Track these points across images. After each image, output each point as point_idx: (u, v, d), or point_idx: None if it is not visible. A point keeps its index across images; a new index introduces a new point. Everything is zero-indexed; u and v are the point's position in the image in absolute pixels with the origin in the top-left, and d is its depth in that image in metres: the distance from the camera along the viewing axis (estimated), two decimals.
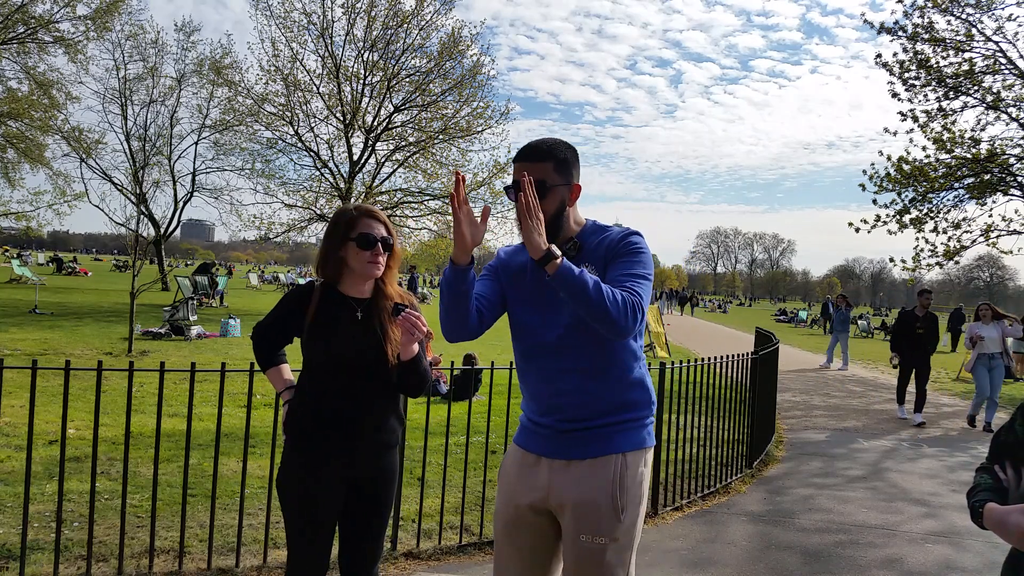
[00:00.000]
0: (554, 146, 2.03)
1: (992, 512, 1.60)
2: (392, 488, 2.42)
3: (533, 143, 2.04)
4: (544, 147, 2.02)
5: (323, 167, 23.93)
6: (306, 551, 2.29)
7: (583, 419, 2.00)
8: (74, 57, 25.56)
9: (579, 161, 2.08)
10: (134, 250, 13.40)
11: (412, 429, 6.11)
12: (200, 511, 4.22)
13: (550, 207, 1.99)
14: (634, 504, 1.98)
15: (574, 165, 2.05)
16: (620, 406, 2.00)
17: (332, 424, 2.28)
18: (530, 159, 2.01)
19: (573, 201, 2.05)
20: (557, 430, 2.03)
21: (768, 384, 7.28)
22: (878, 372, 16.56)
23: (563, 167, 2.02)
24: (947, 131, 13.66)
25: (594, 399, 1.99)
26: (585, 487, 1.97)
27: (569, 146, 2.06)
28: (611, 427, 2.00)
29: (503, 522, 2.11)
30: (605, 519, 1.95)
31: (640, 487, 2.00)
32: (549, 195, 1.99)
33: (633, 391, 2.02)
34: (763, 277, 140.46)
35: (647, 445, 2.04)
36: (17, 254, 47.77)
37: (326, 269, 2.38)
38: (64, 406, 3.25)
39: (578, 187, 2.05)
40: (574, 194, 2.05)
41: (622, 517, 1.96)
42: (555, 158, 2.01)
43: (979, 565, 4.32)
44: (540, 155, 2.00)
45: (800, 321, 43.33)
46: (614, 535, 1.95)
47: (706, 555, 4.28)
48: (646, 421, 2.06)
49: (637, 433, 2.03)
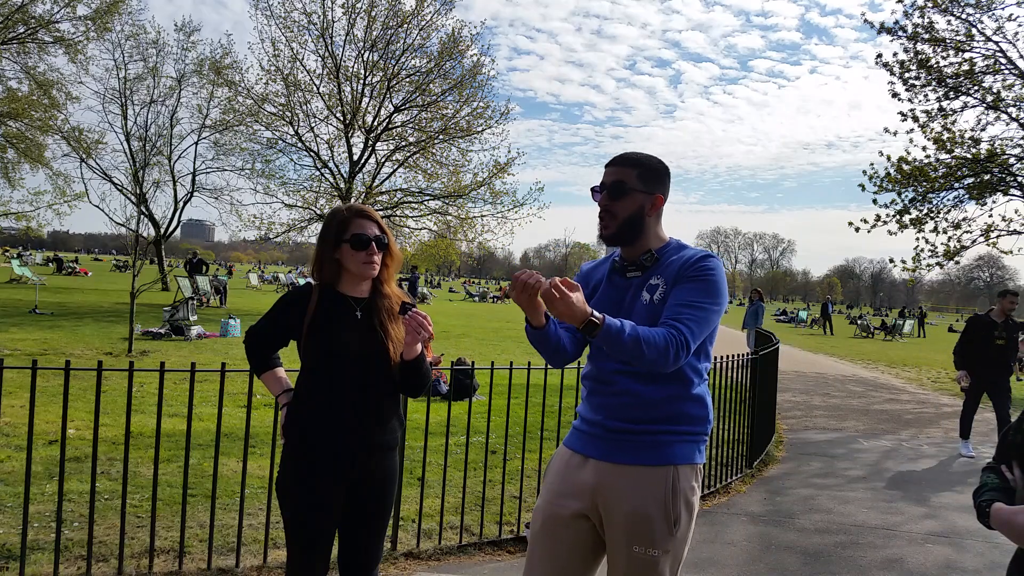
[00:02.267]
0: (644, 157, 2.13)
1: (999, 512, 1.60)
2: (392, 489, 2.41)
3: (626, 152, 2.15)
4: (633, 155, 2.13)
5: (323, 167, 23.95)
6: (306, 553, 2.28)
7: (633, 420, 1.99)
8: (74, 57, 25.56)
9: (669, 179, 2.16)
10: (134, 250, 13.41)
11: (412, 429, 6.11)
12: (200, 511, 4.21)
13: (626, 209, 2.06)
14: (687, 517, 1.99)
15: (660, 179, 2.12)
16: (675, 417, 2.00)
17: (332, 426, 2.27)
18: (616, 163, 2.12)
19: (653, 211, 2.10)
20: (606, 428, 2.03)
21: (768, 384, 7.28)
22: (878, 372, 16.56)
23: (647, 176, 2.09)
24: (947, 131, 13.66)
25: (648, 404, 1.99)
26: (638, 497, 1.96)
27: (660, 162, 2.15)
28: (664, 435, 1.99)
29: (541, 521, 2.10)
30: (659, 531, 1.95)
31: (692, 502, 2.01)
32: (627, 197, 2.06)
33: (691, 405, 2.02)
34: (763, 277, 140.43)
35: (698, 461, 2.04)
36: (17, 254, 47.78)
37: (322, 272, 2.37)
38: (64, 406, 3.25)
39: (661, 199, 2.11)
40: (656, 204, 2.10)
41: (675, 531, 1.96)
42: (641, 166, 2.10)
43: (980, 566, 4.32)
44: (626, 161, 2.11)
45: (800, 321, 43.35)
46: (667, 547, 1.95)
47: (706, 555, 4.28)
48: (699, 437, 2.05)
49: (691, 447, 2.02)
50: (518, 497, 4.60)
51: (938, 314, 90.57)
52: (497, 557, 4.07)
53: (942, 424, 9.66)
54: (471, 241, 25.11)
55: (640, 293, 2.06)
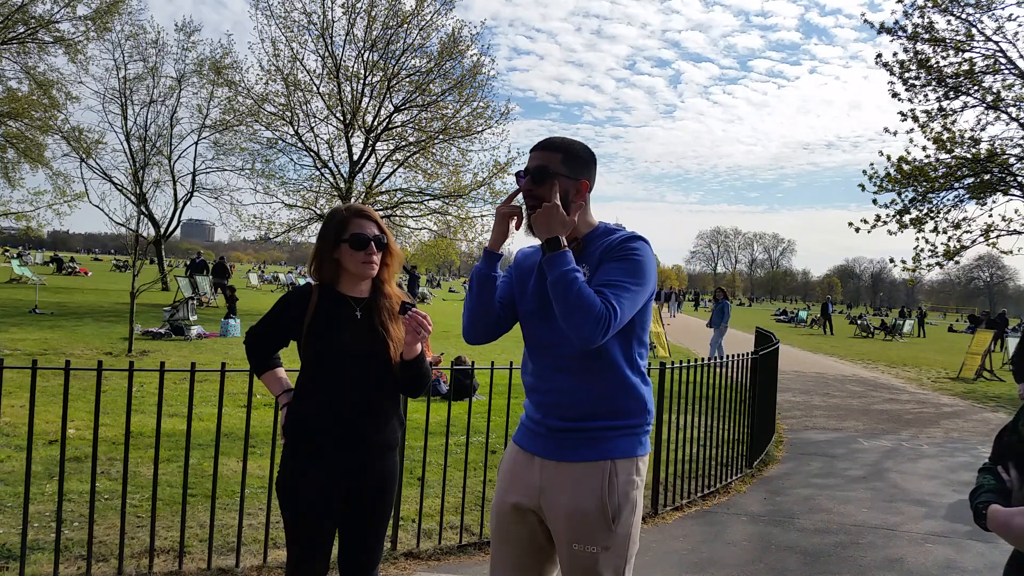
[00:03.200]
0: (569, 142, 2.09)
1: (996, 514, 1.59)
2: (392, 489, 2.41)
3: (551, 137, 2.11)
4: (558, 140, 2.08)
5: (323, 167, 23.94)
6: (306, 553, 2.28)
7: (573, 419, 1.99)
8: (74, 57, 25.56)
9: (595, 164, 2.12)
10: (134, 250, 13.40)
11: (412, 429, 6.11)
12: (200, 511, 4.21)
13: (550, 195, 2.01)
14: (626, 513, 1.97)
15: (585, 164, 2.08)
16: (611, 412, 1.99)
17: (332, 426, 2.27)
18: (540, 148, 2.08)
19: (579, 197, 2.06)
20: (549, 428, 2.03)
21: (768, 384, 7.28)
22: (878, 372, 16.56)
23: (572, 161, 2.05)
24: (947, 131, 13.66)
25: (585, 400, 1.98)
26: (576, 493, 1.96)
27: (585, 147, 2.10)
28: (601, 431, 1.98)
29: (496, 520, 2.11)
30: (597, 527, 1.94)
31: (631, 496, 1.98)
32: (550, 183, 2.02)
33: (626, 398, 2.00)
34: (763, 277, 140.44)
35: (638, 454, 2.02)
36: (17, 254, 47.77)
37: (321, 272, 2.37)
38: (64, 406, 3.25)
39: (587, 184, 2.07)
40: (581, 190, 2.06)
41: (614, 526, 1.95)
42: (565, 151, 2.06)
43: (980, 566, 4.32)
44: (551, 146, 2.07)
45: (800, 321, 43.34)
46: (606, 544, 1.94)
47: (706, 555, 4.28)
48: (638, 429, 2.03)
49: (628, 440, 2.00)
50: None
51: (938, 314, 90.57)
52: None
53: (942, 424, 9.66)
54: (471, 241, 25.10)
55: None
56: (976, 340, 16.67)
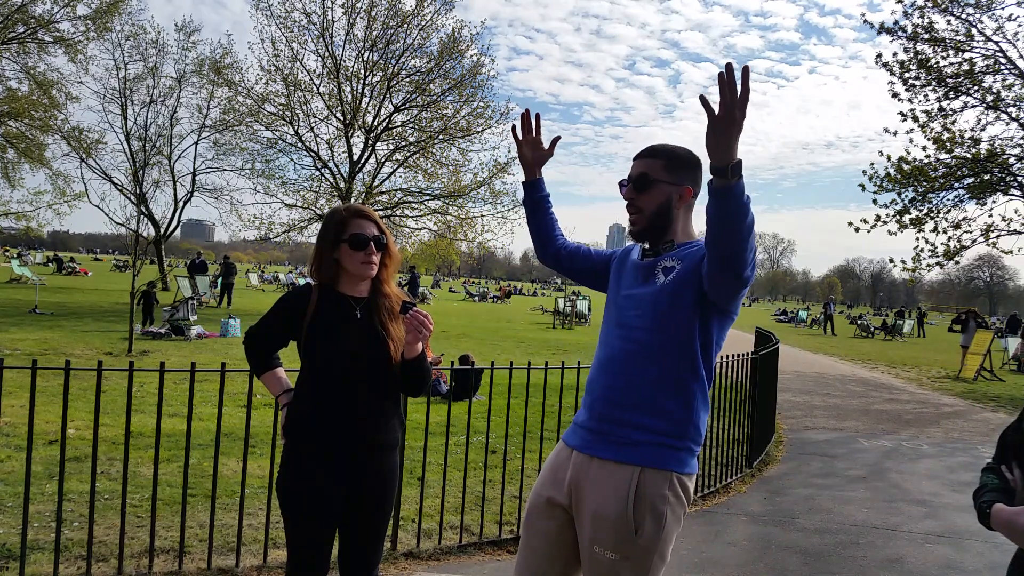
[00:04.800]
0: (672, 148, 2.07)
1: (1000, 513, 1.60)
2: (393, 489, 2.41)
3: (655, 144, 2.12)
4: (660, 146, 2.08)
5: (323, 167, 23.95)
6: (306, 553, 2.28)
7: (613, 415, 1.95)
8: (74, 57, 25.55)
9: (700, 171, 2.06)
10: (134, 250, 13.40)
11: (412, 429, 6.11)
12: (200, 511, 4.21)
13: (652, 201, 2.02)
14: (651, 526, 1.86)
15: (690, 169, 2.04)
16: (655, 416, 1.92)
17: (333, 426, 2.27)
18: (643, 156, 2.08)
19: (682, 203, 2.04)
20: (591, 420, 2.00)
21: (768, 384, 7.28)
22: (878, 372, 16.56)
23: (675, 167, 2.03)
24: (947, 131, 13.66)
25: (631, 399, 1.93)
26: (601, 493, 1.90)
27: (690, 153, 2.06)
28: (637, 433, 1.91)
29: (527, 512, 2.10)
30: (618, 535, 1.86)
31: (660, 510, 1.88)
32: (652, 189, 2.02)
33: (675, 405, 1.92)
34: (763, 277, 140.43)
35: (673, 468, 1.90)
36: (17, 254, 47.75)
37: (321, 272, 2.37)
38: (64, 406, 3.25)
39: (690, 191, 2.03)
40: (684, 196, 2.04)
41: (636, 537, 1.86)
42: (668, 157, 2.04)
43: (980, 566, 4.32)
44: (653, 153, 2.06)
45: (800, 321, 43.33)
46: (626, 553, 1.86)
47: (706, 555, 4.28)
48: (678, 443, 1.92)
49: (664, 452, 1.90)
50: (518, 497, 4.60)
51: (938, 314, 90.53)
52: (497, 557, 4.07)
53: (942, 424, 9.66)
54: (471, 241, 25.12)
55: (654, 274, 2.00)
56: (976, 340, 16.67)
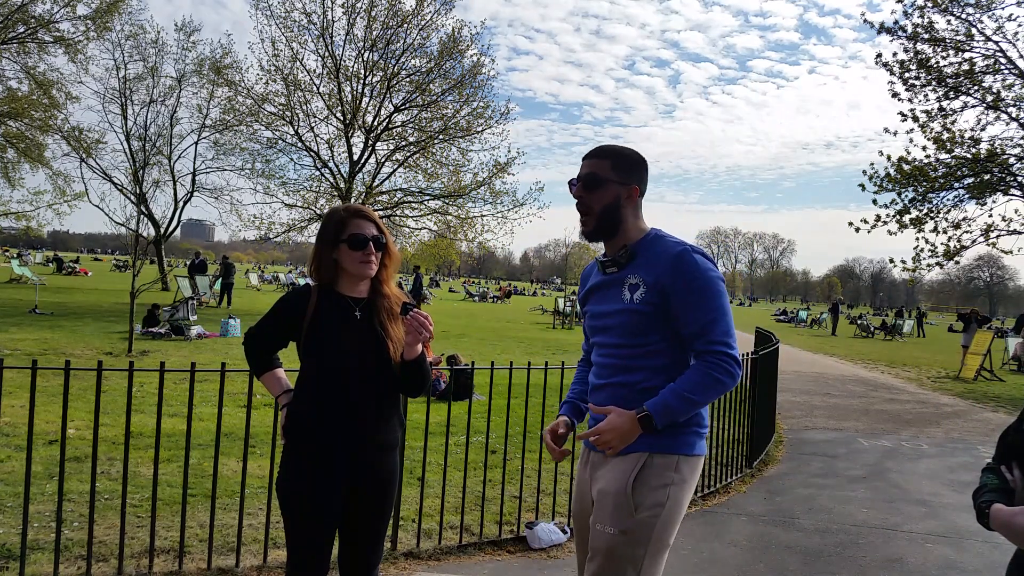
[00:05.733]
0: (618, 149, 2.16)
1: (999, 513, 1.60)
2: (393, 489, 2.41)
3: (601, 144, 2.22)
4: (607, 147, 2.17)
5: (323, 167, 23.96)
6: (306, 553, 2.28)
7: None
8: (74, 57, 25.57)
9: (646, 171, 2.19)
10: (134, 250, 13.40)
11: (412, 429, 6.11)
12: (200, 511, 4.21)
13: (602, 200, 2.10)
14: (651, 504, 1.97)
15: (636, 170, 2.15)
16: None
17: (332, 426, 2.27)
18: (591, 156, 2.16)
19: (630, 202, 2.12)
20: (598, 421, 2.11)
21: (768, 384, 7.28)
22: (878, 372, 16.57)
23: (622, 166, 2.12)
24: (947, 131, 13.67)
25: (632, 392, 2.04)
26: (607, 477, 2.04)
27: (636, 153, 2.16)
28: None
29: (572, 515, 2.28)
30: (617, 510, 1.97)
31: (664, 491, 1.98)
32: (602, 188, 2.10)
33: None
34: (763, 277, 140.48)
35: (680, 451, 2.02)
36: (17, 254, 47.76)
37: (320, 272, 2.37)
38: (64, 406, 3.25)
39: (637, 190, 2.13)
40: (632, 195, 2.12)
41: (635, 513, 1.96)
42: (615, 157, 2.13)
43: (980, 565, 4.32)
44: (600, 153, 2.15)
45: (800, 321, 43.33)
46: (624, 527, 1.95)
47: (706, 555, 4.28)
48: (685, 427, 2.04)
49: (670, 437, 2.02)
50: (518, 497, 4.60)
51: (938, 314, 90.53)
52: (497, 557, 4.07)
53: (942, 424, 9.66)
54: (471, 241, 25.13)
55: (620, 291, 2.10)
56: (976, 340, 16.68)
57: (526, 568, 3.95)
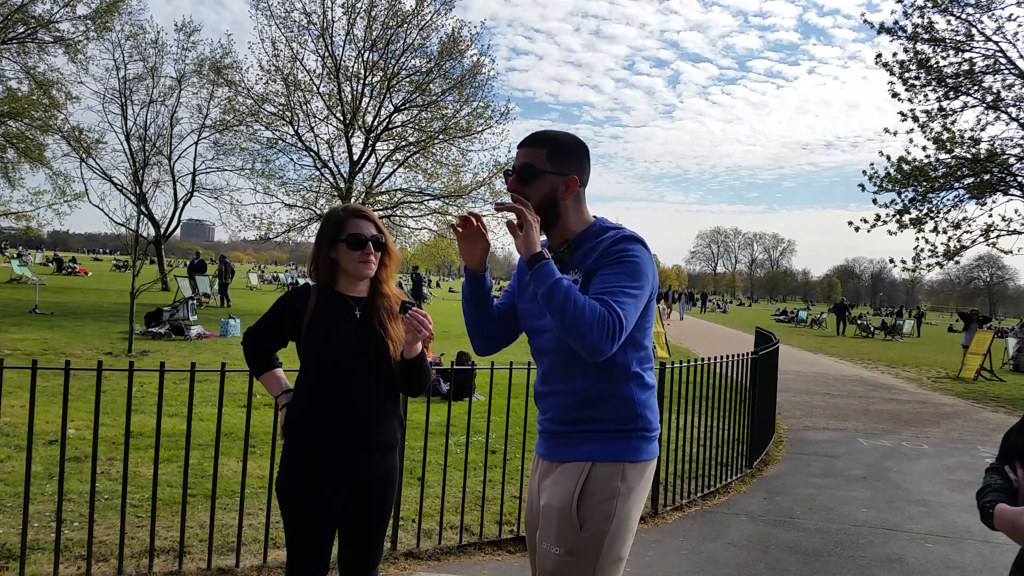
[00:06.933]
0: (554, 135, 1.97)
1: (1003, 513, 1.60)
2: (393, 489, 2.41)
3: (537, 131, 2.00)
4: (543, 134, 1.96)
5: (323, 167, 23.97)
6: (306, 553, 2.28)
7: (563, 420, 1.94)
8: (74, 57, 25.60)
9: (587, 157, 1.99)
10: (134, 250, 13.41)
11: (412, 429, 6.11)
12: (200, 511, 4.21)
13: (538, 192, 1.91)
14: (600, 520, 1.81)
15: (576, 158, 1.96)
16: (598, 415, 1.89)
17: (332, 426, 2.27)
18: (525, 144, 1.97)
19: (568, 194, 1.94)
20: (547, 430, 2.01)
21: (768, 384, 7.28)
22: (878, 372, 16.57)
23: (560, 155, 1.93)
24: (947, 131, 13.68)
25: (574, 403, 1.91)
26: (552, 491, 1.89)
27: (574, 139, 1.97)
28: (587, 433, 1.90)
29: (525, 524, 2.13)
30: (561, 528, 1.83)
31: (611, 503, 1.83)
32: (537, 181, 1.91)
33: (616, 402, 1.89)
34: (763, 277, 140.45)
35: (626, 458, 1.86)
36: (17, 254, 47.75)
37: (319, 272, 2.37)
38: (64, 406, 3.25)
39: (575, 180, 1.94)
40: (570, 186, 1.93)
41: (581, 531, 1.81)
42: (551, 145, 1.94)
43: (980, 565, 4.32)
44: (536, 141, 1.95)
45: (800, 321, 43.32)
46: (570, 547, 1.81)
47: (706, 555, 4.28)
48: (629, 434, 1.89)
49: (614, 443, 1.87)
50: (518, 497, 4.60)
51: (938, 314, 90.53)
52: (497, 557, 4.08)
53: (942, 424, 9.66)
54: None
55: None
56: (976, 340, 16.68)
57: (526, 568, 3.95)
